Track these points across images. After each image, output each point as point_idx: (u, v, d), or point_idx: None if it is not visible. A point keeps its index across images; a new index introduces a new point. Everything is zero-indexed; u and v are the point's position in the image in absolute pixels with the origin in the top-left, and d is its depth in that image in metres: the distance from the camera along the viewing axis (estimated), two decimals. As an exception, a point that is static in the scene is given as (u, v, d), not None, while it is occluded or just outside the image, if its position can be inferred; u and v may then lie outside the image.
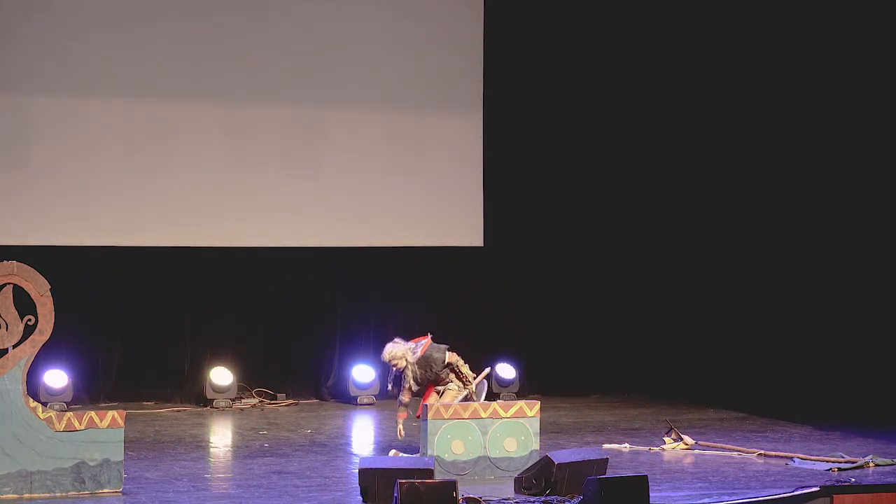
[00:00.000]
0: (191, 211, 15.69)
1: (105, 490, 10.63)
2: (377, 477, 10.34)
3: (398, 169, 16.41)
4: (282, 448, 13.05)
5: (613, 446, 13.15)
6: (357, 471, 10.63)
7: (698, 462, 12.45)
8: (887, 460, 12.19)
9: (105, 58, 15.35)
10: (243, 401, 15.98)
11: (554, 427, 14.30)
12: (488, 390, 16.40)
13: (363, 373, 16.37)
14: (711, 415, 15.39)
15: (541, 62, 17.01)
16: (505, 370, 16.79)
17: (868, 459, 12.12)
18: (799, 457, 12.40)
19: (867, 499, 10.87)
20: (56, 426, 10.57)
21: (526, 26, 16.94)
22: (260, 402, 16.02)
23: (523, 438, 11.59)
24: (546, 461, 10.75)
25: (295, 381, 16.49)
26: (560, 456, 10.83)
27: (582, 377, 17.14)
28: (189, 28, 15.65)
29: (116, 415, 10.76)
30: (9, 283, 10.52)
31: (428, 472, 10.32)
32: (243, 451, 13.04)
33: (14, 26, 15.05)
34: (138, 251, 15.57)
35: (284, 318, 16.32)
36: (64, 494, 10.53)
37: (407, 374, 12.05)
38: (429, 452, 11.34)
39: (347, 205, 16.19)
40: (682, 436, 13.23)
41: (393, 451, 12.16)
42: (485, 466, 11.50)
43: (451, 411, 11.50)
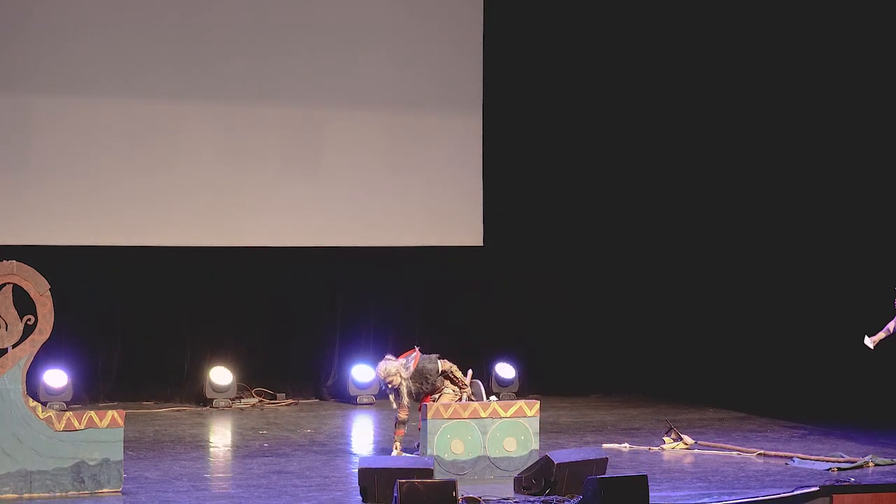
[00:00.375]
0: (190, 211, 15.69)
1: (105, 490, 10.63)
2: (377, 477, 10.33)
3: (398, 169, 16.41)
4: (281, 448, 13.04)
5: (613, 446, 13.14)
6: (357, 470, 10.63)
7: (698, 462, 12.45)
8: (887, 460, 12.20)
9: (105, 57, 15.35)
10: (243, 400, 15.98)
11: (554, 427, 14.30)
12: (489, 389, 16.49)
13: (363, 372, 16.36)
14: (711, 415, 15.39)
15: (540, 62, 17.01)
16: (505, 370, 16.78)
17: (868, 459, 12.13)
18: (799, 457, 12.40)
19: (867, 499, 10.87)
20: (56, 426, 10.57)
21: (525, 26, 16.94)
22: (260, 402, 16.02)
23: (523, 438, 11.59)
24: (546, 461, 10.74)
25: (295, 381, 16.49)
26: (560, 456, 10.82)
27: (582, 377, 17.14)
28: (189, 28, 15.65)
29: (116, 414, 10.76)
30: (9, 283, 10.53)
31: (427, 472, 10.32)
32: (243, 451, 13.04)
33: (14, 26, 15.05)
34: (138, 251, 15.57)
35: (284, 318, 16.32)
36: (64, 494, 10.53)
37: (402, 391, 11.92)
38: (428, 452, 11.34)
39: (347, 205, 16.19)
40: (682, 435, 13.23)
41: (398, 451, 12.12)
42: (484, 466, 11.50)
43: (451, 411, 11.49)
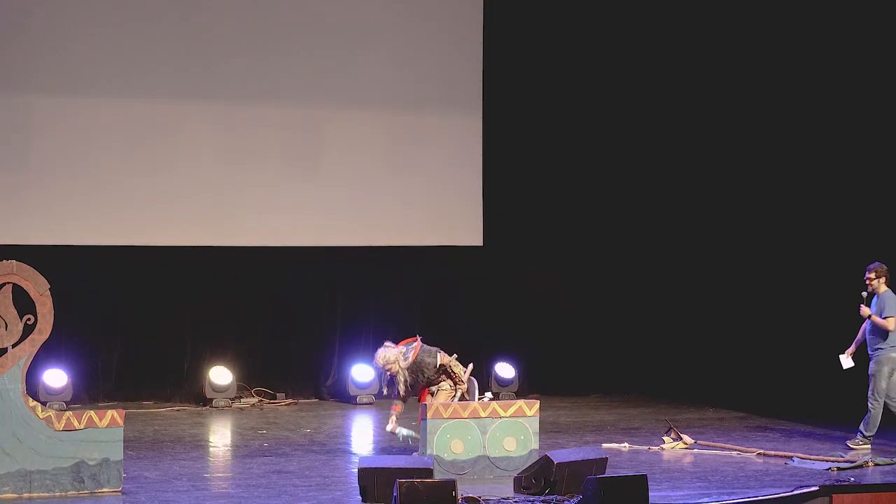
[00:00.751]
0: (191, 211, 15.69)
1: (104, 489, 10.63)
2: (376, 476, 10.34)
3: (398, 169, 16.41)
4: (281, 447, 13.05)
5: (613, 446, 13.15)
6: (356, 470, 10.63)
7: (698, 461, 12.45)
8: (887, 460, 12.21)
9: (105, 57, 15.35)
10: (243, 400, 15.99)
11: (553, 426, 14.30)
12: (489, 389, 16.49)
13: (362, 372, 16.37)
14: (711, 414, 15.39)
15: (540, 62, 17.02)
16: (505, 370, 16.79)
17: (867, 459, 12.14)
18: (798, 456, 12.40)
19: (866, 498, 10.87)
20: (55, 425, 10.57)
21: (525, 27, 16.95)
22: (259, 402, 16.02)
23: (523, 438, 11.59)
24: (545, 460, 10.75)
25: (294, 381, 16.50)
26: (559, 455, 10.83)
27: (582, 377, 17.15)
28: (189, 28, 15.65)
29: (116, 414, 10.76)
30: (8, 283, 10.53)
31: (427, 472, 10.32)
32: (242, 451, 13.04)
33: (15, 26, 15.05)
34: (138, 251, 15.57)
35: (284, 318, 16.32)
36: (63, 494, 10.53)
37: (399, 380, 11.97)
38: (428, 452, 11.34)
39: (347, 204, 16.19)
40: (682, 435, 13.23)
41: (393, 425, 12.08)
42: (484, 466, 11.50)
43: (451, 411, 11.49)
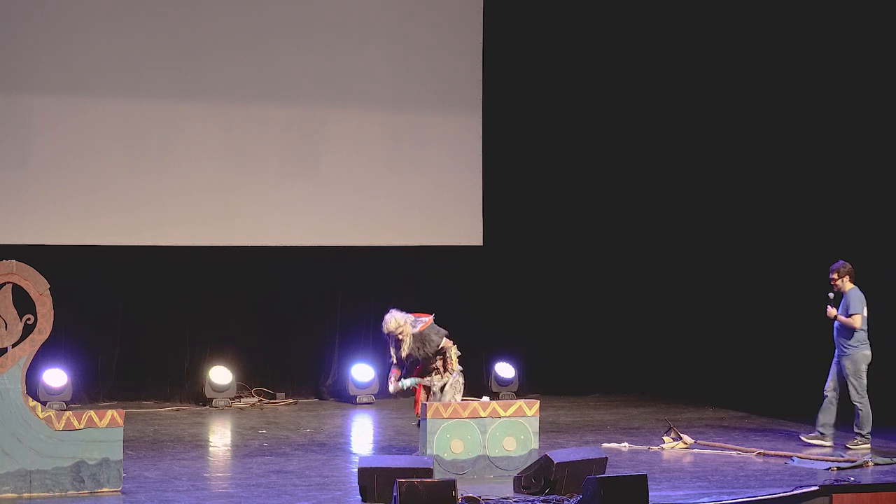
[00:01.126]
0: (190, 211, 15.69)
1: (104, 489, 10.63)
2: (376, 476, 10.34)
3: (398, 168, 16.42)
4: (281, 447, 13.05)
5: (613, 445, 13.15)
6: (356, 470, 10.64)
7: (697, 461, 12.45)
8: (886, 460, 12.21)
9: (105, 57, 15.35)
10: (243, 400, 15.99)
11: (553, 426, 14.31)
12: (489, 389, 16.50)
13: (362, 372, 16.37)
14: (711, 414, 15.39)
15: (539, 62, 17.03)
16: (504, 370, 16.79)
17: (867, 459, 12.13)
18: (798, 456, 12.41)
19: (866, 498, 10.87)
20: (55, 425, 10.57)
21: (525, 27, 16.95)
22: (259, 402, 16.02)
23: (522, 437, 11.59)
24: (545, 460, 10.75)
25: (294, 381, 16.49)
26: (559, 455, 10.83)
27: (581, 377, 17.15)
28: (189, 28, 15.65)
29: (115, 414, 10.76)
30: (8, 283, 10.53)
31: (427, 472, 10.32)
32: (242, 451, 13.04)
33: (14, 26, 15.05)
34: (138, 250, 15.57)
35: (284, 318, 16.32)
36: (63, 493, 10.53)
37: (403, 345, 12.02)
38: (428, 452, 11.34)
39: (347, 204, 16.19)
40: (682, 435, 13.24)
41: (395, 384, 12.10)
42: (484, 465, 11.50)
43: (451, 410, 11.49)
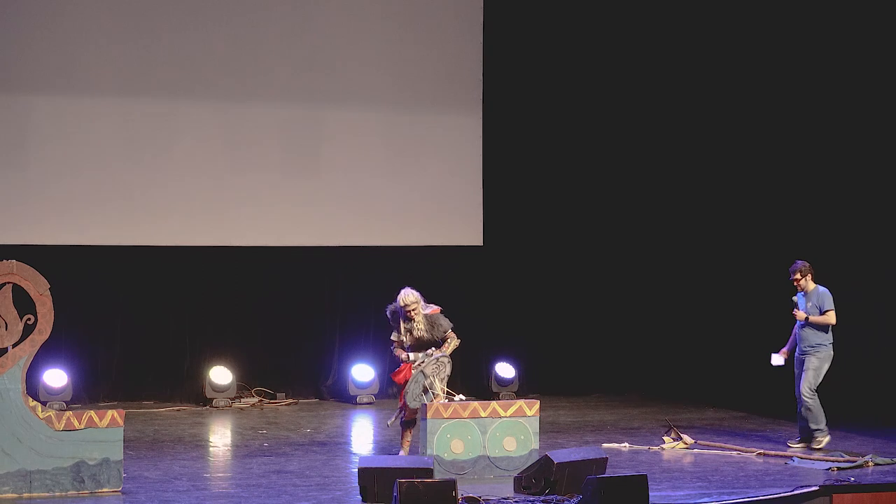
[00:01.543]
0: (190, 210, 15.69)
1: (104, 489, 10.63)
2: (377, 476, 10.34)
3: (398, 169, 16.42)
4: (281, 447, 13.05)
5: (613, 446, 13.15)
6: (356, 470, 10.64)
7: (698, 461, 12.45)
8: (887, 460, 12.20)
9: (105, 58, 15.35)
10: (243, 400, 15.99)
11: (553, 426, 14.31)
12: (489, 389, 16.51)
13: (363, 372, 16.38)
14: (711, 414, 15.39)
15: (540, 62, 17.03)
16: (505, 370, 16.79)
17: (868, 459, 12.13)
18: (798, 456, 12.41)
19: (866, 498, 10.87)
20: (55, 425, 10.56)
21: (525, 27, 16.95)
22: (259, 402, 16.02)
23: (523, 438, 11.59)
24: (546, 460, 10.74)
25: (294, 381, 16.49)
26: (559, 455, 10.83)
27: (582, 377, 17.15)
28: (189, 28, 15.65)
29: (116, 414, 10.76)
30: (8, 283, 10.53)
31: (427, 472, 10.32)
32: (243, 451, 13.04)
33: (14, 26, 15.05)
34: (138, 251, 15.57)
35: (284, 318, 16.32)
36: (63, 494, 10.53)
37: (414, 322, 11.99)
38: (428, 452, 11.34)
39: (347, 204, 16.19)
40: (682, 435, 13.24)
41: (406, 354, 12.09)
42: (484, 466, 11.50)
43: (451, 411, 11.49)
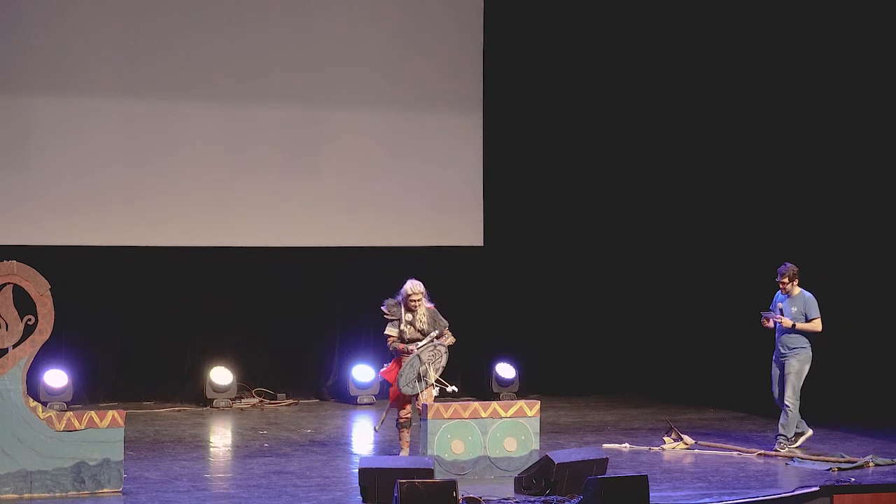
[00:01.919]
0: (191, 211, 15.69)
1: (105, 490, 10.63)
2: (377, 477, 10.34)
3: (398, 169, 16.41)
4: (282, 448, 13.05)
5: (613, 446, 13.15)
6: (357, 471, 10.64)
7: (698, 462, 12.45)
8: (887, 460, 12.20)
9: (105, 58, 15.35)
10: (243, 400, 15.98)
11: (554, 427, 14.31)
12: (489, 389, 16.52)
13: (363, 372, 16.37)
14: (711, 415, 15.39)
15: (540, 62, 17.02)
16: (505, 370, 16.79)
17: (868, 459, 12.13)
18: (799, 457, 12.40)
19: (867, 499, 10.87)
20: (56, 426, 10.57)
21: (525, 27, 16.95)
22: (260, 402, 16.02)
23: (523, 438, 11.59)
24: (546, 461, 10.75)
25: (295, 381, 16.48)
26: (560, 456, 10.83)
27: (582, 377, 17.14)
28: (189, 28, 15.64)
29: (116, 414, 10.77)
30: (9, 283, 10.53)
31: (428, 472, 10.32)
32: (243, 451, 13.04)
33: (14, 26, 15.05)
34: (138, 251, 15.57)
35: (285, 319, 16.31)
36: (64, 494, 10.53)
37: (416, 312, 12.05)
38: (429, 452, 11.34)
39: (347, 205, 16.19)
40: (682, 435, 13.24)
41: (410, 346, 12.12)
42: (485, 466, 11.50)
43: (451, 411, 11.49)
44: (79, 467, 10.58)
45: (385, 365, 12.38)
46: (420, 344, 12.03)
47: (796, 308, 12.75)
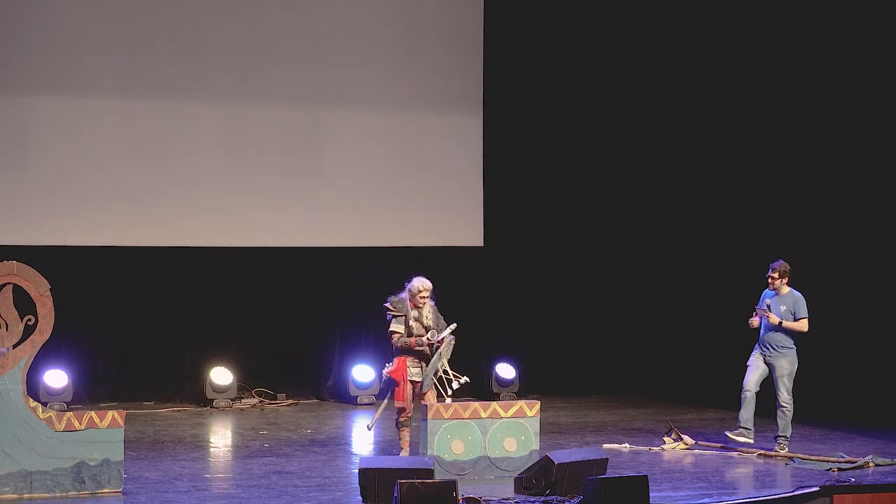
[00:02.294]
0: (191, 211, 15.69)
1: (105, 490, 10.63)
2: (377, 477, 10.34)
3: (399, 169, 16.42)
4: (282, 448, 13.05)
5: (613, 446, 13.15)
6: (357, 471, 10.64)
7: (698, 462, 12.45)
8: (887, 460, 12.20)
9: (105, 58, 15.35)
10: (243, 401, 15.98)
11: (554, 427, 14.31)
12: (489, 390, 16.53)
13: (363, 373, 16.38)
14: (711, 415, 15.39)
15: (541, 62, 17.03)
16: (505, 370, 16.79)
17: (868, 459, 12.13)
18: (799, 457, 12.40)
19: (867, 499, 10.88)
20: (56, 426, 10.57)
21: (525, 27, 16.95)
22: (260, 402, 16.02)
23: (523, 438, 11.59)
24: (546, 461, 10.75)
25: (295, 381, 16.49)
26: (560, 456, 10.83)
27: (582, 377, 17.14)
28: (189, 28, 15.64)
29: (116, 415, 10.77)
30: (9, 283, 10.53)
31: (428, 472, 10.32)
32: (243, 451, 13.04)
33: (14, 26, 15.05)
34: (139, 251, 15.57)
35: (285, 319, 16.31)
36: (64, 494, 10.53)
37: (423, 309, 12.10)
38: (429, 452, 11.34)
39: (347, 205, 16.19)
40: (682, 436, 13.24)
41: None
42: (485, 466, 11.50)
43: (451, 411, 11.49)
44: (79, 467, 10.58)
45: (388, 363, 12.28)
46: (440, 337, 11.98)
47: (785, 307, 12.73)
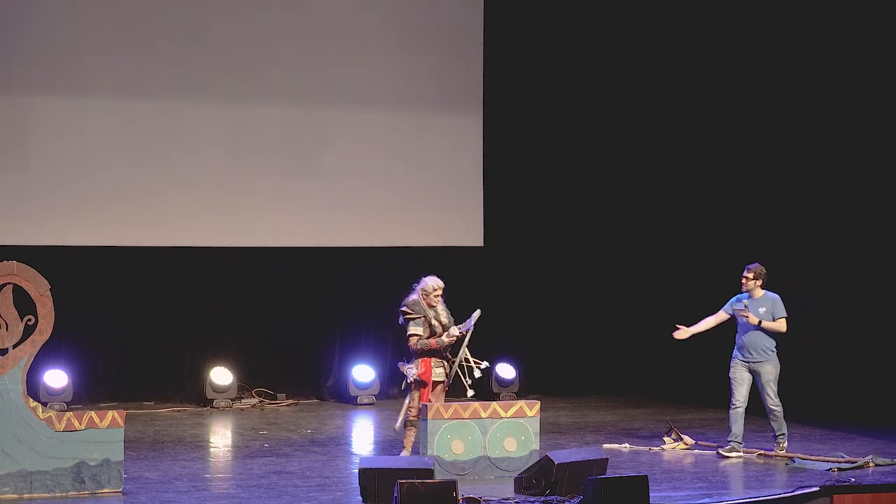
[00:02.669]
0: (191, 211, 15.69)
1: (105, 490, 10.63)
2: (377, 477, 10.34)
3: (399, 169, 16.42)
4: (282, 448, 13.05)
5: (613, 446, 13.15)
6: (357, 471, 10.64)
7: (698, 462, 12.45)
8: (887, 460, 12.20)
9: (105, 57, 15.35)
10: (243, 401, 15.99)
11: (554, 427, 14.31)
12: (489, 389, 16.53)
13: (363, 373, 16.38)
14: (711, 415, 15.38)
15: (541, 62, 17.03)
16: (505, 370, 16.79)
17: (868, 459, 12.12)
18: (799, 457, 12.40)
19: (867, 499, 10.87)
20: (56, 426, 10.56)
21: (525, 26, 16.95)
22: (260, 402, 16.02)
23: (523, 438, 11.59)
24: (546, 461, 10.75)
25: (295, 381, 16.49)
26: (560, 456, 10.83)
27: (582, 378, 17.14)
28: (189, 28, 15.65)
29: (116, 415, 10.76)
30: (9, 283, 10.53)
31: (428, 472, 10.32)
32: (243, 451, 13.04)
33: (14, 26, 15.05)
34: (138, 251, 15.57)
35: (285, 319, 16.31)
36: (64, 494, 10.53)
37: (438, 306, 12.17)
38: (429, 452, 11.33)
39: (348, 205, 16.19)
40: (682, 436, 13.24)
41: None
42: (485, 466, 11.50)
43: (451, 411, 11.49)
44: (79, 467, 10.58)
45: (409, 364, 11.96)
46: (468, 327, 12.14)
47: (765, 308, 12.70)
